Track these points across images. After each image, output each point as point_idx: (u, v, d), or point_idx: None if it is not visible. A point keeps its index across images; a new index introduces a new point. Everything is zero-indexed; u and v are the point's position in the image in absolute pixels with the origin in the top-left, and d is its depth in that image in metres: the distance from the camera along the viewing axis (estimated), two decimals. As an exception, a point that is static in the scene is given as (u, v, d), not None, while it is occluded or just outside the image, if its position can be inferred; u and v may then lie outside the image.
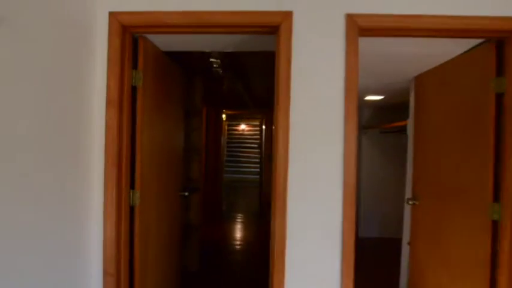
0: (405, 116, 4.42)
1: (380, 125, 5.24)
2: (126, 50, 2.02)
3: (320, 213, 1.92)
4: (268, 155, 6.51)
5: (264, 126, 7.26)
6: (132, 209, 2.16)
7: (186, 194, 3.10)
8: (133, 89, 2.13)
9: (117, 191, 1.99)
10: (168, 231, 2.72)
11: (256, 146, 10.18)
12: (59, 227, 1.72)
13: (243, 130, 10.63)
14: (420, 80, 2.98)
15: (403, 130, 4.50)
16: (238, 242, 5.47)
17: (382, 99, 4.62)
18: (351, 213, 1.88)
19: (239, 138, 10.53)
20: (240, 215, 7.41)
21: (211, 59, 3.39)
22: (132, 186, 2.15)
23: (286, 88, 1.90)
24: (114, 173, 1.96)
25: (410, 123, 3.38)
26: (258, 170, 9.75)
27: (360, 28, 1.92)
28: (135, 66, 2.13)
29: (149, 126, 2.27)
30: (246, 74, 4.09)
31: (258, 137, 10.28)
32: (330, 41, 1.92)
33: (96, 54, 1.97)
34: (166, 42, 2.31)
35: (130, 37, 2.07)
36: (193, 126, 4.31)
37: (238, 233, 6.05)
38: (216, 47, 2.39)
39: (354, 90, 1.89)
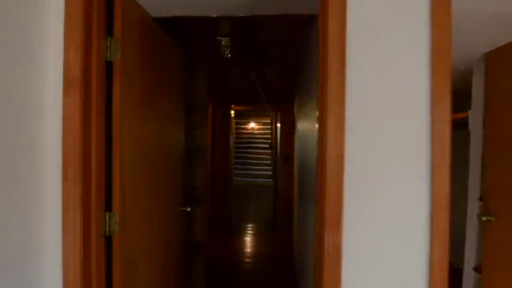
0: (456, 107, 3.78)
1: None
2: (93, 7, 1.41)
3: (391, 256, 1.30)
4: (285, 156, 5.88)
5: (278, 124, 6.64)
6: (109, 238, 1.56)
7: (189, 209, 2.50)
8: (109, 67, 1.54)
9: (83, 216, 1.38)
10: (164, 260, 2.12)
11: (267, 146, 9.57)
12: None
13: (252, 129, 10.01)
14: (496, 56, 2.33)
15: (459, 124, 3.83)
16: (250, 260, 4.87)
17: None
18: (442, 259, 1.26)
19: (248, 138, 9.90)
20: (251, 225, 6.81)
21: (219, 37, 2.79)
22: (108, 207, 1.55)
23: (339, 58, 1.28)
24: (78, 190, 1.36)
25: (475, 116, 2.74)
26: (270, 173, 9.17)
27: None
28: (110, 33, 1.53)
29: (134, 120, 1.67)
30: (260, 57, 3.49)
31: (269, 136, 9.68)
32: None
33: (49, 10, 1.37)
34: (156, 2, 1.71)
35: (102, -11, 1.47)
36: (197, 123, 3.71)
37: (250, 247, 5.45)
38: (225, 8, 1.77)
39: (444, 59, 1.27)
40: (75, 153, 1.35)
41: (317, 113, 1.51)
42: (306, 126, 3.25)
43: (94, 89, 1.42)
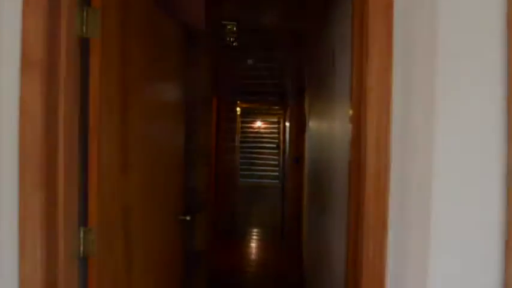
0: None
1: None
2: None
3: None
4: (295, 157, 5.59)
5: (287, 123, 6.34)
6: (85, 261, 1.28)
7: (188, 218, 2.21)
8: (85, 45, 1.25)
9: (47, 232, 1.10)
10: (158, 283, 1.83)
11: (274, 146, 9.29)
12: None
13: (258, 127, 9.73)
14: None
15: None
16: (256, 269, 4.60)
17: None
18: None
19: (255, 137, 9.62)
20: (257, 229, 6.54)
21: (224, 22, 2.52)
22: (83, 221, 1.26)
23: (384, 25, 0.99)
24: (39, 198, 1.07)
25: None
26: (277, 174, 8.91)
27: None
28: (87, 1, 1.25)
29: (116, 111, 1.39)
30: (267, 47, 3.22)
31: (276, 135, 9.42)
32: None
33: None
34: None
35: None
36: (200, 120, 3.42)
37: (256, 255, 5.18)
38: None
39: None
40: (34, 149, 1.06)
41: (350, 112, 1.22)
42: (322, 123, 2.96)
43: (63, 71, 1.13)
